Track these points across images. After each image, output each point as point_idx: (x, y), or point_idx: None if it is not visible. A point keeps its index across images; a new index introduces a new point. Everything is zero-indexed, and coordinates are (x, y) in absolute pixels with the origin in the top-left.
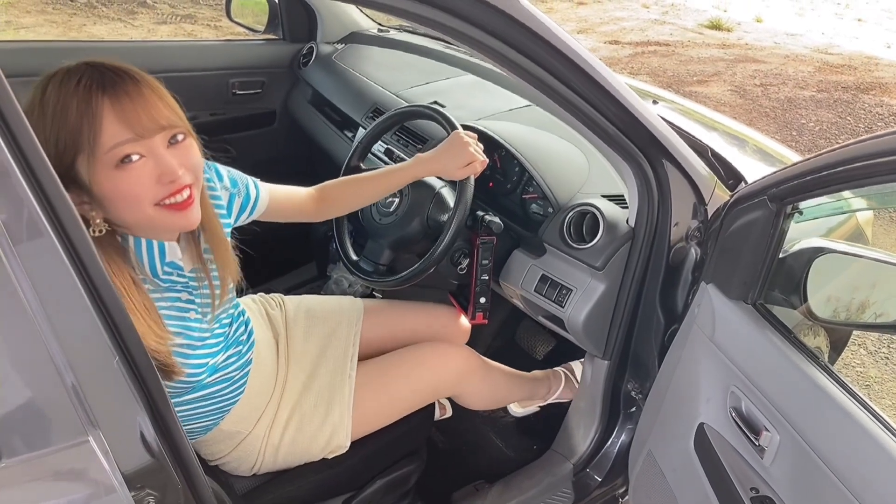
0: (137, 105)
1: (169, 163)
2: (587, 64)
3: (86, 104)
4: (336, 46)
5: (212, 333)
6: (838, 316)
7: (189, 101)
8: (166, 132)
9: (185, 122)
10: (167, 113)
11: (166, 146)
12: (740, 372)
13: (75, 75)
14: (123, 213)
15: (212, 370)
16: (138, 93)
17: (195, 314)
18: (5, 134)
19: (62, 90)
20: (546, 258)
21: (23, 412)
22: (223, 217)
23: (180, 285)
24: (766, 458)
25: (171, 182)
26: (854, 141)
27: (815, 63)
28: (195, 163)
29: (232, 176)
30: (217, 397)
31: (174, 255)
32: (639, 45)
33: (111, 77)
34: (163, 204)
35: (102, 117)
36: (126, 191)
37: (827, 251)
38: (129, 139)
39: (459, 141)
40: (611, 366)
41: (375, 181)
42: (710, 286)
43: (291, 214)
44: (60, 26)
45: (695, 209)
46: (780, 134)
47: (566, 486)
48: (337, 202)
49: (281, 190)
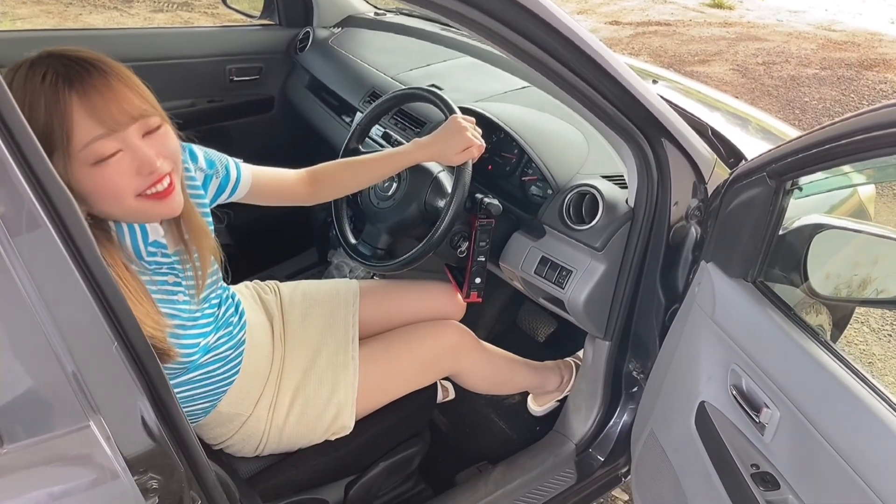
0: (107, 98)
1: (146, 154)
2: (584, 43)
3: (54, 102)
4: (333, 31)
5: (202, 313)
6: (839, 293)
7: (186, 88)
8: (140, 122)
9: (158, 109)
10: (138, 103)
11: (141, 136)
12: (741, 350)
13: (39, 69)
14: (106, 207)
15: (204, 350)
16: (106, 85)
17: (183, 296)
18: (2, 129)
19: (27, 86)
20: (546, 240)
21: (23, 398)
22: (199, 198)
23: (166, 267)
24: (767, 435)
25: (151, 173)
26: (853, 114)
27: (818, 40)
28: (172, 150)
29: (209, 157)
30: (212, 377)
31: (156, 234)
32: (639, 25)
33: (76, 70)
34: (144, 194)
35: (72, 114)
36: (106, 186)
37: (827, 227)
38: (102, 134)
39: (457, 126)
40: (612, 346)
41: (371, 165)
42: (711, 265)
43: (280, 197)
44: (56, 16)
45: (694, 188)
46: (783, 112)
47: (569, 467)
48: (330, 185)
49: (266, 171)
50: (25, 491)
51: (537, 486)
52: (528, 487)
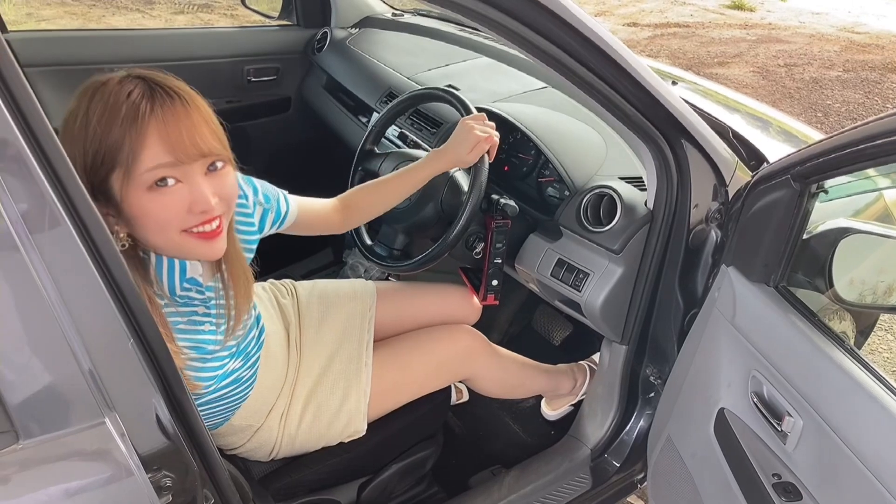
0: (183, 129)
1: (203, 192)
2: (604, 42)
3: (132, 120)
4: (350, 31)
5: (223, 346)
6: (865, 299)
7: (205, 88)
8: (206, 159)
9: (226, 150)
10: (211, 140)
11: (204, 173)
12: (762, 356)
13: (126, 87)
14: (149, 235)
15: (220, 379)
16: (186, 115)
17: (210, 325)
18: (22, 126)
19: (111, 100)
20: (562, 242)
21: (39, 394)
22: (252, 234)
23: (198, 300)
24: (789, 444)
25: (203, 212)
26: (882, 115)
27: (842, 42)
28: (230, 192)
29: (266, 191)
30: (226, 399)
31: (195, 272)
32: (658, 26)
33: (161, 95)
34: (190, 231)
35: (146, 137)
36: (156, 214)
37: (853, 231)
38: (168, 162)
39: (464, 126)
40: (629, 351)
41: (395, 183)
42: (731, 269)
43: (317, 227)
44: (80, 18)
45: (715, 190)
46: (805, 115)
47: (584, 472)
48: (361, 210)
49: (308, 204)
50: (40, 487)
51: (551, 490)
52: (543, 492)
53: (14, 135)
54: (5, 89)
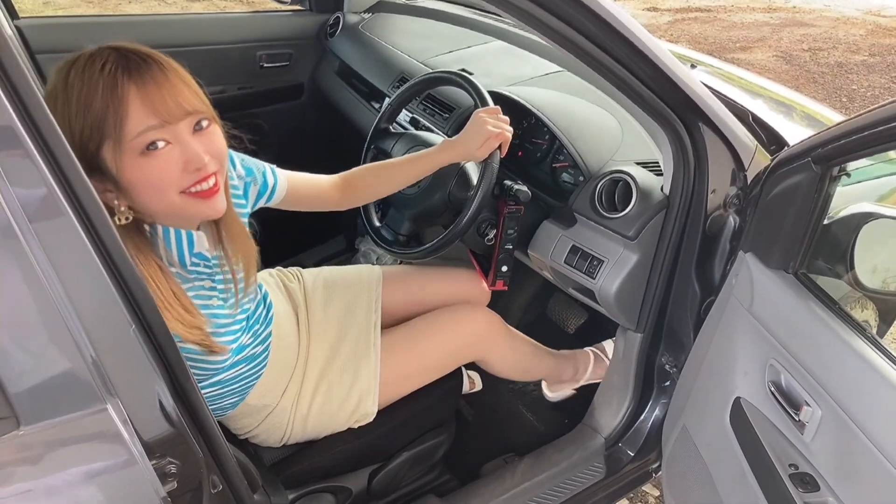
0: (163, 90)
1: (195, 149)
2: (619, 23)
3: (111, 90)
4: (363, 16)
5: (234, 319)
6: (888, 286)
7: (217, 74)
8: (191, 118)
9: (209, 108)
10: (192, 98)
11: (191, 132)
12: (780, 345)
13: (99, 60)
14: (149, 201)
15: (235, 353)
16: (164, 78)
17: (217, 300)
18: (23, 115)
19: (86, 75)
20: (576, 228)
21: (40, 380)
22: (241, 207)
23: (205, 274)
24: (807, 434)
25: (198, 170)
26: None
27: (867, 26)
28: (220, 149)
29: (246, 164)
30: (241, 376)
31: (202, 247)
32: (678, 11)
33: (136, 62)
34: (189, 192)
35: (129, 103)
36: (152, 178)
37: (877, 216)
38: (155, 125)
39: (478, 121)
40: (644, 339)
41: (402, 168)
42: (749, 255)
43: (314, 203)
44: (96, 6)
45: (733, 175)
46: (830, 100)
47: (598, 461)
48: (363, 190)
49: (301, 177)
50: (42, 473)
51: (565, 479)
52: (556, 481)
53: (13, 122)
54: (4, 77)
